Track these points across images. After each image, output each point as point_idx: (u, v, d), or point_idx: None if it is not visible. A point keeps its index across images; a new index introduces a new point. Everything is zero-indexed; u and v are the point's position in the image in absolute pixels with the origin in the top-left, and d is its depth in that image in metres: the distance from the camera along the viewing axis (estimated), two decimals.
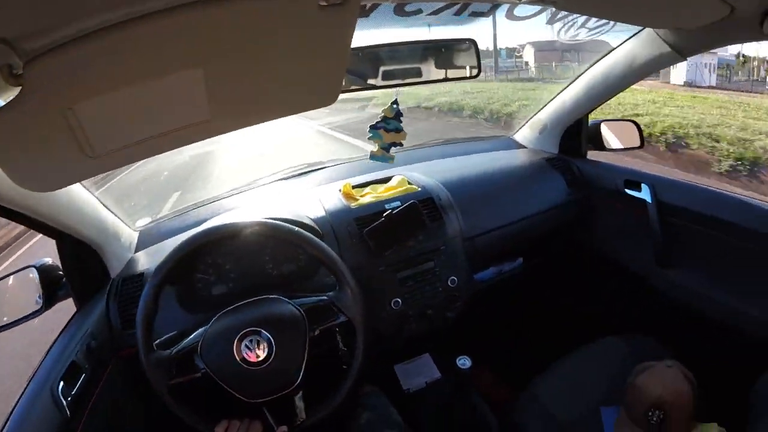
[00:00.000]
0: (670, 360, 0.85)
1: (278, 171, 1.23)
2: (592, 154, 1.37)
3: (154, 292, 0.78)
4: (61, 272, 0.98)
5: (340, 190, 1.12)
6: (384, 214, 1.00)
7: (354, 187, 1.13)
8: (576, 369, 1.01)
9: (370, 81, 0.95)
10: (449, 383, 1.17)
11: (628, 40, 1.19)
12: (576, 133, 1.29)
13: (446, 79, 1.00)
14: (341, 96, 0.65)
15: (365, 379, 1.06)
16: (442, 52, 0.99)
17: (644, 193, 1.20)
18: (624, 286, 1.32)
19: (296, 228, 0.84)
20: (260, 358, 0.74)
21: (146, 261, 1.08)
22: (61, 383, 0.78)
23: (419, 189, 1.10)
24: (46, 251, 1.02)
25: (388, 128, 0.98)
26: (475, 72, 1.01)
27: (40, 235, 0.89)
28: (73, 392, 0.80)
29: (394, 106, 0.97)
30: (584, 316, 1.46)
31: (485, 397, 1.14)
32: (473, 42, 1.00)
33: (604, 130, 1.33)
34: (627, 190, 1.22)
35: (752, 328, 1.01)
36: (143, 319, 0.77)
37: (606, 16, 0.84)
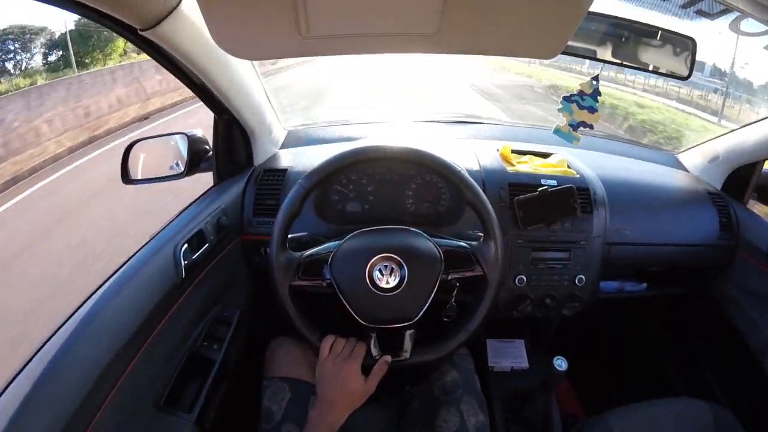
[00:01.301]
0: None
1: (434, 112, 1.23)
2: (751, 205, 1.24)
3: (304, 193, 0.76)
4: (207, 146, 1.04)
5: (497, 150, 1.10)
6: (539, 189, 0.97)
7: (512, 151, 1.10)
8: (655, 417, 0.95)
9: (584, 51, 0.91)
10: (533, 377, 1.13)
11: None
12: (746, 176, 1.18)
13: (651, 71, 0.95)
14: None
15: None
16: (658, 40, 0.94)
17: None
18: (734, 354, 1.19)
19: (461, 169, 0.80)
20: (389, 286, 0.72)
21: (289, 159, 1.11)
22: (185, 246, 0.81)
23: (578, 176, 1.05)
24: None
25: (582, 104, 0.90)
26: (685, 73, 0.94)
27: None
28: (193, 257, 0.82)
29: (594, 81, 0.90)
30: (681, 365, 1.36)
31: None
32: (694, 42, 0.93)
33: None
34: None
35: None
36: (285, 217, 0.75)
37: None
